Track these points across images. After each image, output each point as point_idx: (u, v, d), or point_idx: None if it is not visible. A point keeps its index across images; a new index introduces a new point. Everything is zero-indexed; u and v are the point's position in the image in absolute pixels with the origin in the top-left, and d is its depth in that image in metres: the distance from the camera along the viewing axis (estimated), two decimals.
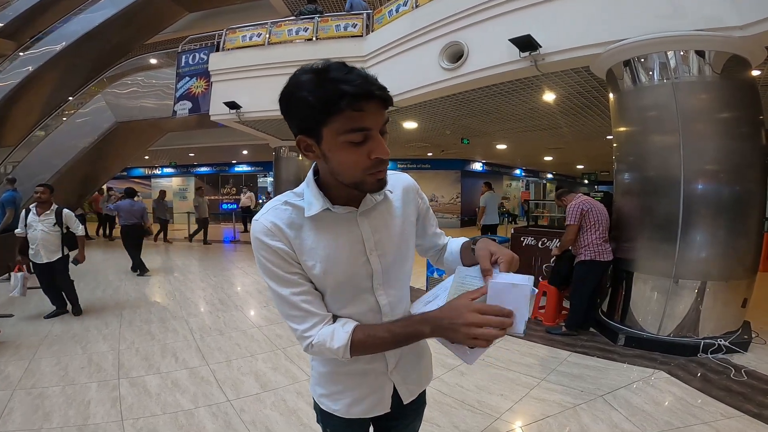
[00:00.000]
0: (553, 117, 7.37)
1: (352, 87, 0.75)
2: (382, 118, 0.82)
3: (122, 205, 7.12)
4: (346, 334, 0.90)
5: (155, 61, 10.51)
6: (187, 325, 4.40)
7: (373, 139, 0.81)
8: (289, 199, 0.95)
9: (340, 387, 1.06)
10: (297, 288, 0.92)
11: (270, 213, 0.93)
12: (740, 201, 3.49)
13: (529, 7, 4.34)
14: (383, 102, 0.80)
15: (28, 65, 11.27)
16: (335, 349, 0.89)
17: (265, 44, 7.37)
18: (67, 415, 2.58)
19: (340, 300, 0.97)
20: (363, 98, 0.76)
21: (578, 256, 4.00)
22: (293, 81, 0.81)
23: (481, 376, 3.16)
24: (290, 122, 0.86)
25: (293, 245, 0.92)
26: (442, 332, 0.84)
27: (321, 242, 0.92)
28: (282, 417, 2.60)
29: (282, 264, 0.91)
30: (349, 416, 1.07)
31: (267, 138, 9.73)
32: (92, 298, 5.42)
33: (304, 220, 0.93)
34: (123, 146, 11.12)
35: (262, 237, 0.91)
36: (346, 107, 0.76)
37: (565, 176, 24.53)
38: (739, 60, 3.52)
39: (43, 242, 4.39)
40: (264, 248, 0.91)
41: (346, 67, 0.78)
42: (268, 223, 0.91)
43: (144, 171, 19.88)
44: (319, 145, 0.84)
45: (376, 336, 0.90)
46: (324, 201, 0.91)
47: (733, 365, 3.19)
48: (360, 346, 0.90)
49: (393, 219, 1.02)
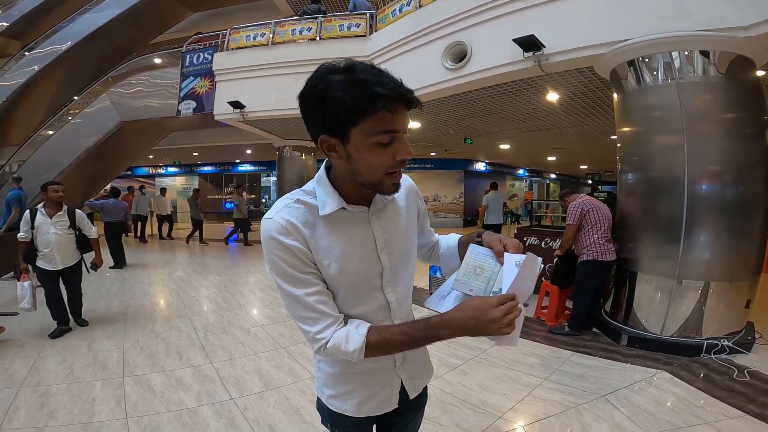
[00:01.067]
0: (556, 117, 7.36)
1: (387, 90, 0.76)
2: (407, 121, 0.84)
3: (106, 203, 7.62)
4: (360, 336, 0.89)
5: (160, 61, 10.55)
6: (191, 323, 4.42)
7: (399, 140, 0.83)
8: (301, 197, 0.93)
9: (349, 387, 1.07)
10: (311, 288, 0.91)
11: (284, 211, 0.91)
12: (744, 202, 3.48)
13: (532, 7, 4.33)
14: (409, 104, 0.82)
15: (33, 65, 11.35)
16: (350, 352, 0.89)
17: (268, 44, 7.40)
18: (72, 412, 2.61)
19: (353, 299, 0.97)
20: (396, 101, 0.78)
21: (580, 255, 4.00)
22: (322, 80, 0.79)
23: (484, 375, 3.16)
24: (313, 121, 0.85)
25: (309, 244, 0.90)
26: (469, 333, 0.85)
27: (335, 241, 0.92)
28: (285, 415, 2.61)
29: (297, 264, 0.90)
30: (360, 415, 1.07)
31: (270, 137, 9.76)
32: (96, 297, 5.46)
33: (318, 218, 0.92)
34: (128, 145, 11.17)
35: (277, 236, 0.88)
36: (380, 109, 0.77)
37: (568, 176, 24.47)
38: (744, 60, 3.51)
39: (59, 246, 3.94)
40: (279, 247, 0.88)
41: (374, 68, 0.79)
42: (284, 222, 0.89)
43: (148, 170, 19.98)
44: (344, 146, 0.83)
45: (393, 339, 0.90)
46: (339, 200, 0.91)
47: (736, 366, 3.18)
48: (375, 347, 0.90)
49: (399, 218, 1.04)
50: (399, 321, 1.05)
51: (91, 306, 4.92)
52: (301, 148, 10.21)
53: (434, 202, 16.26)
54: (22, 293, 3.85)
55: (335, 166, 0.93)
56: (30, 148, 10.60)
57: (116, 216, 7.60)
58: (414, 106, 0.83)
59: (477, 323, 0.83)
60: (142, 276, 6.96)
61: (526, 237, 5.63)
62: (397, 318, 1.05)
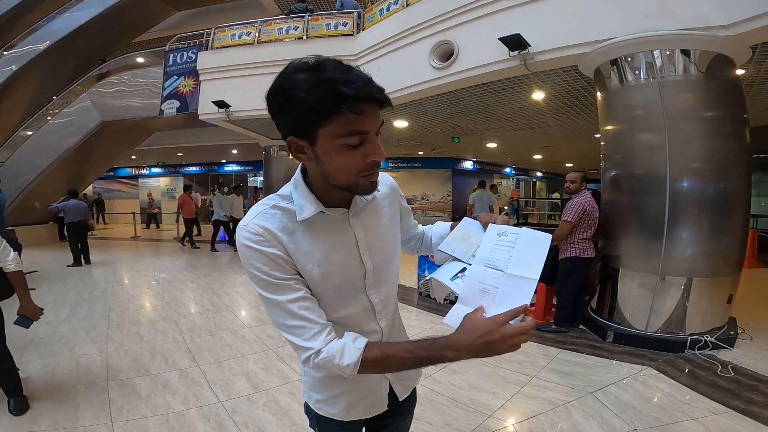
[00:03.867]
0: (542, 116, 7.43)
1: (353, 89, 0.72)
2: (379, 121, 0.80)
3: (68, 204, 7.80)
4: (357, 351, 0.85)
5: (142, 60, 10.39)
6: (176, 326, 4.35)
7: (370, 142, 0.79)
8: (277, 203, 0.90)
9: (337, 390, 1.04)
10: (293, 294, 0.87)
11: (259, 218, 0.87)
12: (725, 198, 3.55)
13: (518, 7, 4.37)
14: (380, 104, 0.78)
15: (11, 64, 11.07)
16: (344, 366, 0.84)
17: (254, 43, 7.34)
18: (56, 417, 2.55)
19: (337, 302, 0.95)
20: (363, 101, 0.74)
21: (563, 252, 4.05)
22: (286, 80, 0.76)
23: (473, 374, 3.17)
24: (280, 122, 0.82)
25: (288, 250, 0.87)
26: (476, 355, 0.80)
27: (316, 245, 0.90)
28: (274, 417, 2.59)
29: (276, 271, 0.86)
30: (349, 419, 1.06)
31: (257, 137, 9.68)
32: (79, 300, 5.34)
33: (296, 224, 0.89)
34: (109, 146, 10.99)
35: (252, 244, 0.85)
36: (345, 110, 0.73)
37: (554, 174, 24.75)
38: (724, 59, 3.58)
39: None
40: (255, 256, 0.85)
41: (342, 66, 0.76)
42: (259, 229, 0.85)
43: (131, 171, 19.63)
44: (312, 147, 0.80)
45: (395, 356, 0.86)
46: (317, 204, 0.88)
47: (720, 361, 3.25)
48: (374, 364, 0.86)
49: (381, 218, 1.02)
50: (385, 322, 1.04)
51: (72, 308, 4.83)
52: (287, 150, 10.07)
53: (422, 201, 16.30)
54: None
55: (309, 168, 0.90)
56: (8, 150, 10.37)
57: (78, 216, 7.85)
58: (385, 105, 0.79)
59: (485, 344, 0.79)
60: (152, 278, 6.84)
61: None
62: (382, 319, 1.03)
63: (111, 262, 8.44)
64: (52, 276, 6.87)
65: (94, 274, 7.18)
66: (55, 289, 5.93)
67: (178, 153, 16.25)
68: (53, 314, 4.69)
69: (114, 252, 9.93)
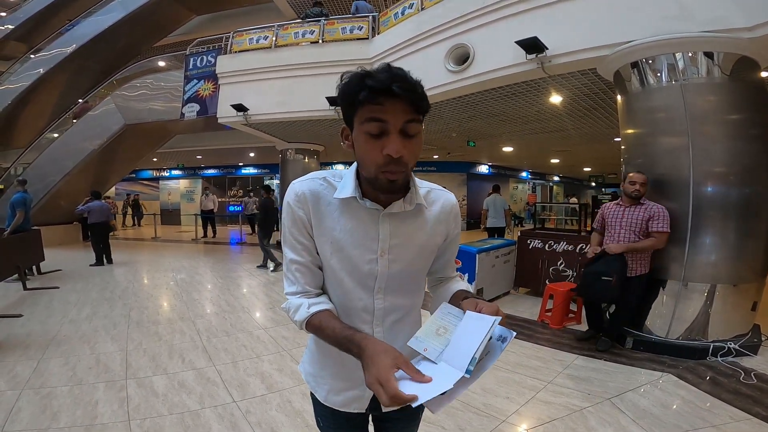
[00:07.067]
0: (559, 119, 7.34)
1: (374, 81, 0.81)
2: (404, 117, 0.85)
3: (93, 206, 8.02)
4: (307, 313, 0.96)
5: (163, 64, 10.62)
6: (194, 326, 4.42)
7: (389, 136, 0.85)
8: (328, 177, 1.01)
9: (324, 372, 1.11)
10: (297, 257, 1.00)
11: (306, 182, 1.00)
12: (750, 203, 3.45)
13: (535, 9, 4.34)
14: (406, 100, 0.83)
15: (39, 67, 11.45)
16: (294, 320, 0.98)
17: (271, 47, 7.44)
18: (75, 415, 2.60)
19: (339, 288, 1.01)
20: (381, 92, 0.81)
21: (636, 269, 3.59)
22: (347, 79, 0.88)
23: (488, 378, 3.14)
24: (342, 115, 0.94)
25: (312, 218, 0.98)
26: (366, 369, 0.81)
27: (338, 225, 0.97)
28: (288, 418, 2.60)
29: (295, 230, 1.00)
30: (328, 404, 1.11)
31: (274, 140, 9.79)
32: (101, 299, 5.47)
33: (333, 199, 0.98)
34: (132, 148, 11.24)
35: (290, 201, 0.99)
36: (366, 100, 0.82)
37: (571, 179, 24.42)
38: (748, 61, 3.49)
39: None
40: (288, 211, 1.00)
41: (388, 67, 0.84)
42: (300, 191, 0.98)
43: (152, 173, 20.07)
44: (351, 133, 0.92)
45: (325, 328, 0.93)
46: (355, 190, 0.95)
47: (743, 368, 3.16)
48: (312, 329, 0.97)
49: (419, 231, 1.02)
50: (379, 329, 1.03)
51: (94, 306, 4.95)
52: (304, 151, 10.21)
53: None
54: None
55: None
56: (35, 151, 10.68)
57: (101, 217, 8.04)
58: (415, 102, 0.84)
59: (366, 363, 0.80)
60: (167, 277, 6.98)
61: (530, 240, 5.61)
62: (378, 326, 1.03)
63: (132, 262, 8.62)
64: (76, 275, 7.06)
65: (115, 273, 7.35)
66: (78, 288, 6.09)
67: (198, 156, 16.53)
68: (75, 312, 4.82)
69: (135, 252, 10.14)
